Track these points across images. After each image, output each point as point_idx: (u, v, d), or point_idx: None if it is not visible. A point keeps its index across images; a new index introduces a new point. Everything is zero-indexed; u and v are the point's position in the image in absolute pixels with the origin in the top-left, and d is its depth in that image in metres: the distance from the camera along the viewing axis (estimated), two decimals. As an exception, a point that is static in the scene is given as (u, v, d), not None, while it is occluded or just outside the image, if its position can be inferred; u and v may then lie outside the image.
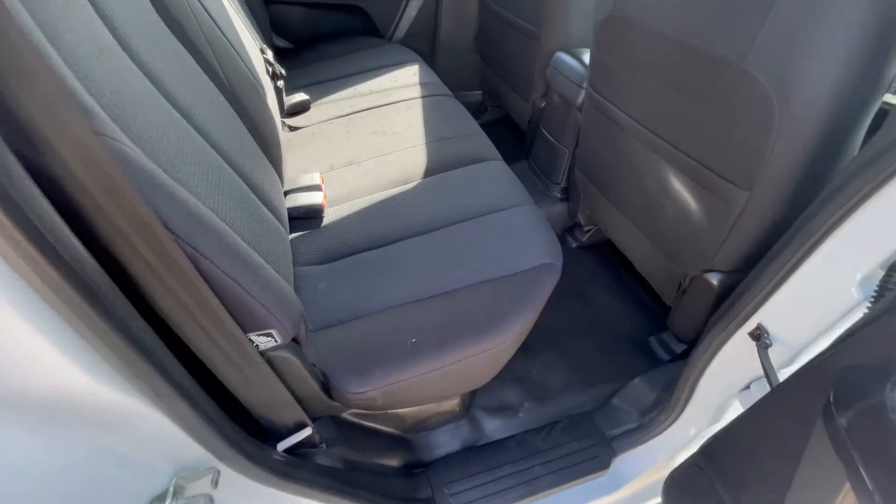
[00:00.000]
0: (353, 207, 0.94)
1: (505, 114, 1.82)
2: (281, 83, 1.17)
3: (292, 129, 1.22)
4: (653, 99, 0.83)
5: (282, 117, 1.23)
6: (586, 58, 1.23)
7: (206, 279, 0.40)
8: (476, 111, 2.00)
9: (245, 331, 0.46)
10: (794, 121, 0.61)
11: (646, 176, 0.92)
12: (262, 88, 0.89)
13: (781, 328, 0.63)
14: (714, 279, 0.87)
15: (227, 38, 0.79)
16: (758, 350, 0.65)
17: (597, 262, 1.35)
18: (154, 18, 0.61)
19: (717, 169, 0.75)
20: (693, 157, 0.78)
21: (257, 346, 0.50)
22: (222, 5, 0.88)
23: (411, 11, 1.73)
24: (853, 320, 0.48)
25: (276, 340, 0.50)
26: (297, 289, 0.79)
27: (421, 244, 0.85)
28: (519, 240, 0.83)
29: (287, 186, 0.97)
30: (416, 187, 0.98)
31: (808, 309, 0.56)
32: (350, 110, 1.25)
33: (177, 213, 0.40)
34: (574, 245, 1.39)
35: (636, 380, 0.98)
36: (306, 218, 0.93)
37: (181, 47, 0.65)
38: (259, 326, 0.46)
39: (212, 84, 0.69)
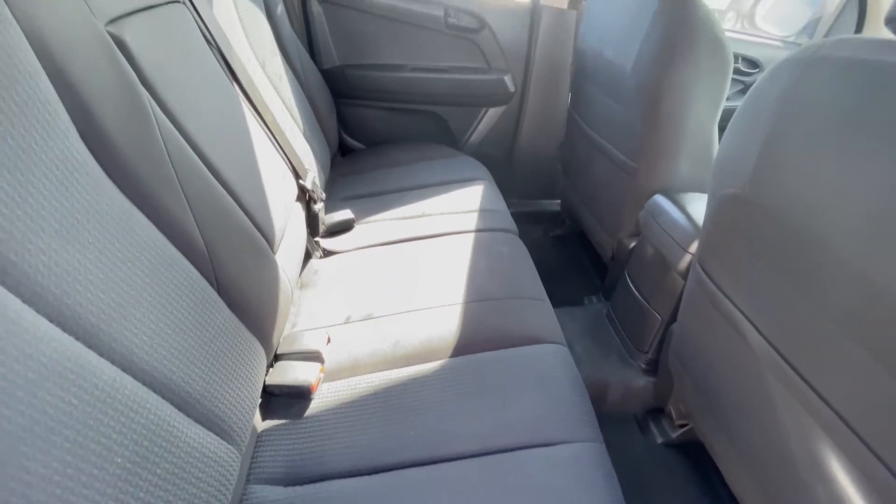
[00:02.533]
0: (351, 392, 0.72)
1: None
2: (319, 206, 1.04)
3: (326, 253, 1.07)
4: (808, 332, 0.52)
5: (318, 237, 1.10)
6: (693, 208, 0.94)
7: None
8: (552, 220, 1.77)
9: None
10: None
11: (786, 433, 0.58)
12: (269, 237, 0.74)
13: None
14: None
15: (227, 186, 0.65)
16: None
17: (688, 473, 0.97)
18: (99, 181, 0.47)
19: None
20: (882, 458, 0.45)
21: None
22: (242, 138, 0.77)
23: (490, 120, 1.59)
24: None
25: None
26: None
27: (421, 485, 0.59)
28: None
29: (284, 348, 0.79)
30: (438, 372, 0.74)
31: None
32: (394, 237, 1.08)
33: None
34: (659, 440, 1.02)
35: None
36: (293, 396, 0.73)
37: (122, 206, 0.50)
38: None
39: (172, 253, 0.54)
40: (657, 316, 1.00)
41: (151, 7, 0.62)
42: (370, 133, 1.62)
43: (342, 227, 1.15)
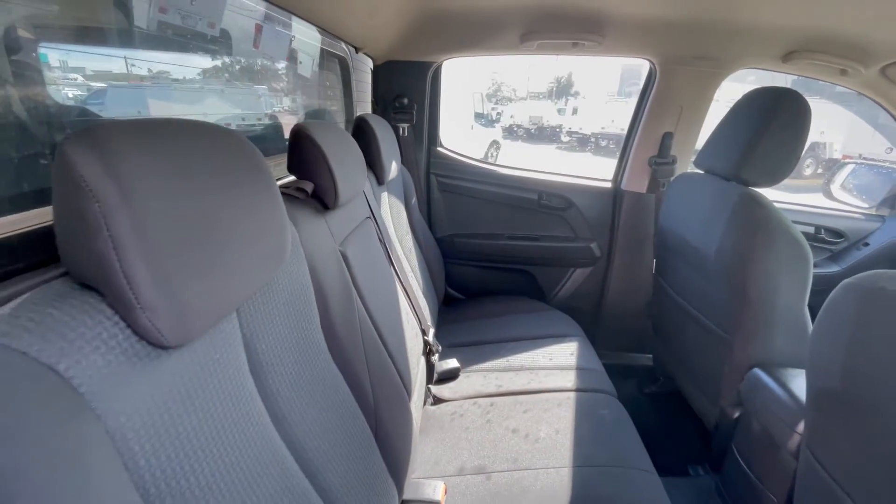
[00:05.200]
0: (470, 549, 0.78)
1: None
2: (436, 357, 1.22)
3: (437, 400, 1.21)
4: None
5: (431, 384, 1.25)
6: (795, 385, 0.97)
7: None
8: (646, 375, 1.77)
9: None
10: None
11: None
12: (409, 389, 0.90)
13: None
14: None
15: (388, 350, 0.85)
16: None
17: None
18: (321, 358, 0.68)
19: None
20: None
21: None
22: (395, 310, 0.99)
23: (577, 279, 1.77)
24: None
25: None
26: None
27: None
28: None
29: (408, 494, 0.88)
30: (551, 538, 0.78)
31: None
32: (496, 390, 1.20)
33: None
34: None
35: None
36: (415, 545, 0.80)
37: (333, 372, 0.69)
38: None
39: (354, 406, 0.71)
40: (773, 499, 0.95)
41: (358, 226, 0.92)
42: (470, 286, 1.86)
43: (449, 376, 1.29)
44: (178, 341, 0.37)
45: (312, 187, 0.75)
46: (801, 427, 0.88)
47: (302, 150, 0.76)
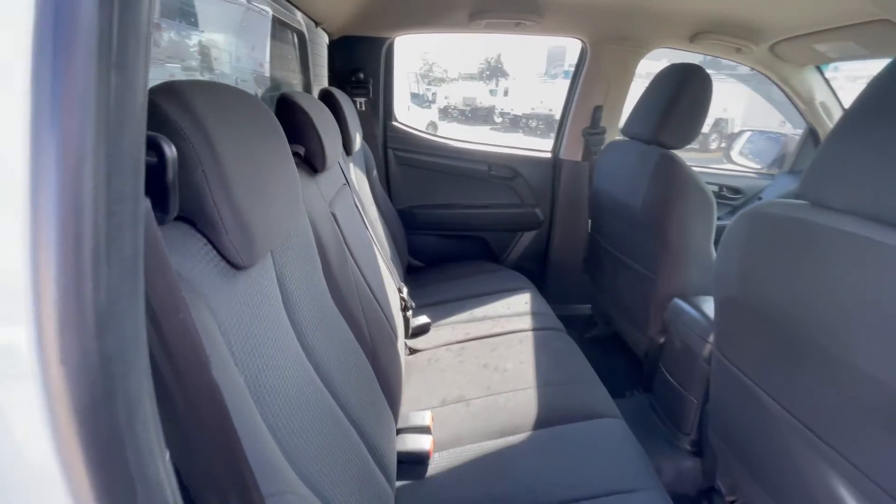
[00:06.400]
0: (460, 458, 0.92)
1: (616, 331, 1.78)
2: (410, 313, 1.33)
3: (412, 351, 1.33)
4: (809, 395, 0.75)
5: (406, 338, 1.36)
6: (706, 307, 1.20)
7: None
8: (586, 323, 2.01)
9: None
10: None
11: (814, 487, 0.76)
12: (395, 334, 1.01)
13: None
14: None
15: (376, 300, 0.95)
16: None
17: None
18: (328, 302, 0.77)
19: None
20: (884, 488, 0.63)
21: None
22: (377, 267, 1.09)
23: (525, 241, 1.96)
24: None
25: None
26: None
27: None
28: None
29: (400, 424, 1.00)
30: (524, 441, 0.94)
31: None
32: (464, 337, 1.35)
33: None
34: (714, 518, 1.13)
35: None
36: (412, 463, 0.93)
37: (337, 315, 0.79)
38: None
39: (356, 345, 0.81)
40: (693, 399, 1.19)
41: (339, 190, 0.99)
42: (429, 254, 1.98)
43: (421, 330, 1.41)
44: (247, 262, 0.46)
45: (304, 151, 0.82)
46: (712, 338, 1.11)
47: (292, 117, 0.83)
